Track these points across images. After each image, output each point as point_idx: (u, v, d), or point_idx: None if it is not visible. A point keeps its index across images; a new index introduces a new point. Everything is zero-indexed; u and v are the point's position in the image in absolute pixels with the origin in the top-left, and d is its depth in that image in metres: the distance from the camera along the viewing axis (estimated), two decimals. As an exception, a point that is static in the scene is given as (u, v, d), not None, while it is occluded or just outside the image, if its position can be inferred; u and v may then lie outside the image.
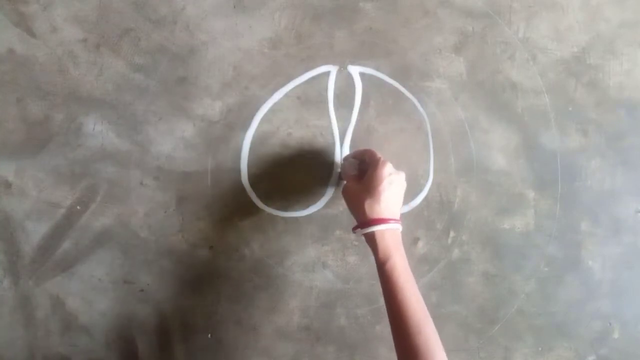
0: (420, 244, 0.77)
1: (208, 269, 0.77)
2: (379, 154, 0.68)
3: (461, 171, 0.77)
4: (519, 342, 0.79)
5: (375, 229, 0.62)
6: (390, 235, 0.63)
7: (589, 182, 0.78)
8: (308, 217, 0.77)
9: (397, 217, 0.65)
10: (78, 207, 0.76)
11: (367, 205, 0.63)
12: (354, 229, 0.66)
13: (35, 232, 0.76)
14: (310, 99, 0.76)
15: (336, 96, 0.76)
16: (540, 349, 0.79)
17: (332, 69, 0.76)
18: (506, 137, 0.77)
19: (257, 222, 0.77)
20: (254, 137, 0.76)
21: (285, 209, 0.77)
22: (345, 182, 0.71)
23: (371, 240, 0.63)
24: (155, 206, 0.76)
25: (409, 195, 0.76)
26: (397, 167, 0.73)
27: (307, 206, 0.77)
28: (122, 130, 0.75)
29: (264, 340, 0.78)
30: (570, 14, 0.77)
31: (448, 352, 0.57)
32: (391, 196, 0.64)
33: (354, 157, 0.71)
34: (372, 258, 0.63)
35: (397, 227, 0.64)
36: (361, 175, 0.67)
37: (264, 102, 0.76)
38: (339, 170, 0.77)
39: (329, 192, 0.77)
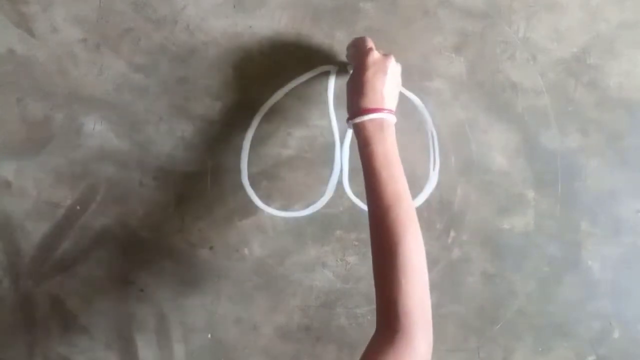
0: (420, 244, 0.77)
1: (208, 269, 0.77)
2: (369, 42, 0.63)
3: (461, 171, 0.77)
4: (519, 342, 0.79)
5: (356, 120, 0.59)
6: (372, 125, 0.59)
7: (589, 182, 0.78)
8: (308, 217, 0.77)
9: (385, 105, 0.60)
10: (78, 207, 0.76)
11: (354, 99, 0.60)
12: (347, 121, 0.63)
13: (35, 232, 0.76)
14: (310, 99, 0.76)
15: (336, 96, 0.76)
16: (540, 349, 0.79)
17: (332, 69, 0.76)
18: (506, 137, 0.77)
19: (257, 222, 0.77)
20: (254, 137, 0.76)
21: (285, 209, 0.77)
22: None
23: (356, 133, 0.60)
24: (155, 206, 0.76)
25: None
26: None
27: (307, 206, 0.77)
28: (122, 130, 0.75)
29: (264, 340, 0.78)
30: (570, 14, 0.77)
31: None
32: (376, 86, 0.59)
33: (354, 46, 0.67)
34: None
35: (381, 117, 0.59)
36: None
37: (264, 102, 0.76)
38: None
39: (329, 192, 0.76)
